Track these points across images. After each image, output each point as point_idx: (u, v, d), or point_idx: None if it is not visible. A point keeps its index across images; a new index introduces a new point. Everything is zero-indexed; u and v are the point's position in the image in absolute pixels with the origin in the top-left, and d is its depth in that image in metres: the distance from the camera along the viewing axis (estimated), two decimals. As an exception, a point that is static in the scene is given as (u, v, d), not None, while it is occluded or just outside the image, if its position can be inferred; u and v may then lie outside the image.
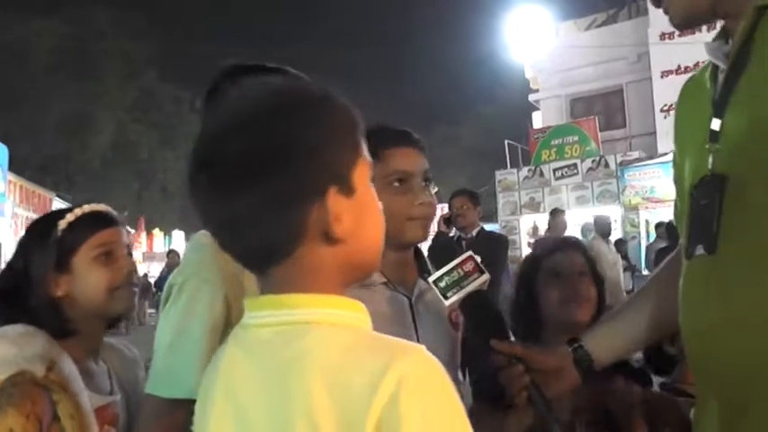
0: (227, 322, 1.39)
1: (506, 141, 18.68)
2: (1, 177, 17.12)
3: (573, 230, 14.34)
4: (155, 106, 31.61)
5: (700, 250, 1.23)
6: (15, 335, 1.48)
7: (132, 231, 34.53)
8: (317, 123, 0.91)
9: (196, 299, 1.40)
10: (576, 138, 16.65)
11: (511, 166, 17.58)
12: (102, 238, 1.64)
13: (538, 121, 20.43)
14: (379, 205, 1.00)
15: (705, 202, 1.23)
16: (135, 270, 1.70)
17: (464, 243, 5.47)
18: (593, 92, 19.35)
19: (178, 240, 28.78)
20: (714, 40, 1.32)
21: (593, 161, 15.64)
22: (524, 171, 16.47)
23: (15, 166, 18.86)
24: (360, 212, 0.94)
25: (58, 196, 22.59)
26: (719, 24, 1.32)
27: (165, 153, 32.56)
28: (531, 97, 21.20)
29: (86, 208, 1.67)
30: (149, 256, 28.33)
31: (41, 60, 27.34)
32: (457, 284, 1.51)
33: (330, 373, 0.84)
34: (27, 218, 16.40)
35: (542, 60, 20.11)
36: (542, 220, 15.60)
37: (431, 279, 1.54)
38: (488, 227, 14.32)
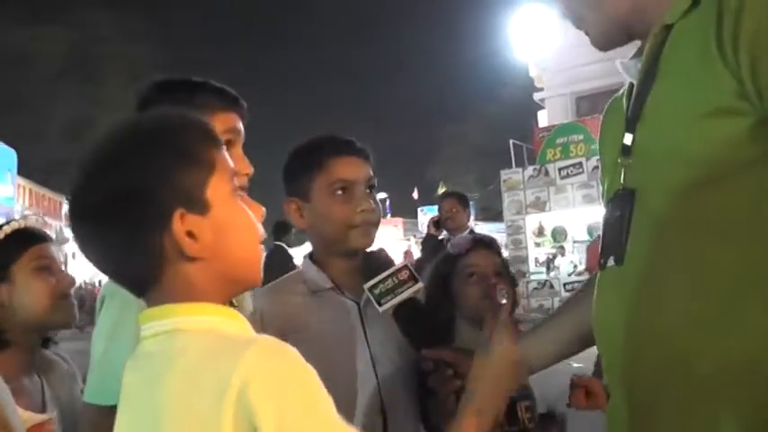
0: None
1: (511, 141, 18.61)
2: (10, 181, 17.27)
3: (580, 230, 14.34)
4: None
5: (611, 261, 1.27)
6: None
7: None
8: (149, 158, 0.96)
9: (127, 306, 1.40)
10: (581, 136, 16.54)
11: (516, 166, 17.51)
12: (41, 251, 1.67)
13: (544, 119, 20.36)
14: (249, 215, 1.05)
15: (617, 214, 1.26)
16: (74, 284, 1.72)
17: (453, 245, 5.47)
18: (599, 90, 19.22)
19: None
20: (631, 58, 1.35)
21: (598, 159, 15.51)
22: (529, 170, 16.37)
23: (24, 169, 19.00)
24: (221, 227, 0.99)
25: (68, 199, 22.74)
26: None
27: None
28: (536, 96, 21.12)
29: (22, 222, 1.71)
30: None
31: (46, 66, 27.63)
32: (391, 292, 1.58)
33: (189, 377, 0.92)
34: (36, 221, 16.45)
35: (547, 58, 20.06)
36: (548, 220, 15.57)
37: (366, 286, 1.60)
38: (494, 227, 14.12)
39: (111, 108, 30.21)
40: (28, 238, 1.67)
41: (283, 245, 7.39)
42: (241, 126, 1.57)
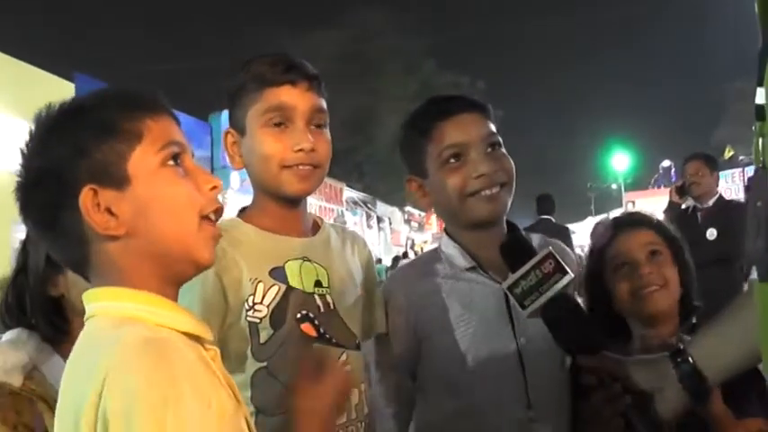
0: (227, 307, 1.38)
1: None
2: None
3: None
4: (434, 94, 32.60)
5: (753, 273, 0.93)
6: (4, 344, 1.46)
7: (423, 214, 36.08)
8: (59, 137, 0.95)
9: (189, 282, 1.33)
10: None
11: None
12: None
13: None
14: (184, 188, 0.98)
15: (759, 204, 0.91)
16: None
17: (699, 214, 5.01)
18: None
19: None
20: None
21: None
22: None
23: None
24: (143, 201, 0.94)
25: (348, 186, 24.40)
26: None
27: (448, 137, 33.66)
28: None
29: None
30: (437, 237, 29.48)
31: (324, 66, 30.12)
32: (535, 290, 1.29)
33: (72, 366, 0.92)
34: (320, 207, 17.81)
35: None
36: None
37: (505, 285, 1.34)
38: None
39: (387, 98, 31.93)
40: None
41: (550, 218, 7.28)
42: (298, 100, 1.45)
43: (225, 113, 1.58)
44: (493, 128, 1.60)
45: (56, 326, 1.49)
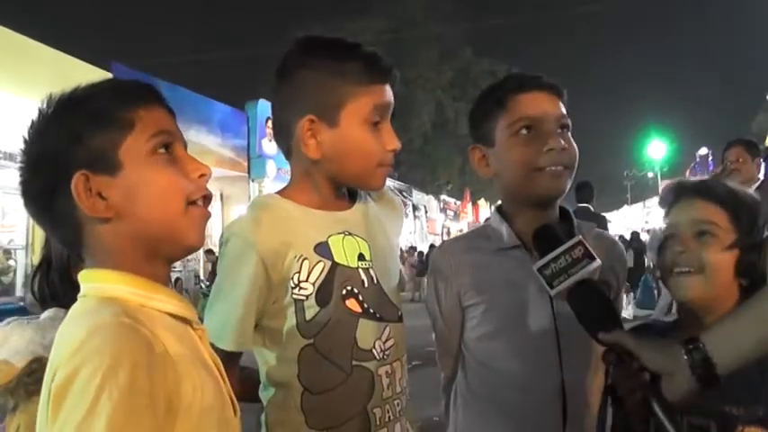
0: (270, 284, 1.38)
1: None
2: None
3: None
4: (471, 83, 32.57)
5: None
6: (42, 321, 1.48)
7: (458, 202, 36.16)
8: (55, 125, 1.00)
9: (231, 258, 1.41)
10: None
11: None
12: None
13: None
14: (171, 175, 1.02)
15: None
16: None
17: (741, 201, 4.85)
18: None
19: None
20: None
21: None
22: None
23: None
24: (131, 187, 1.00)
25: (385, 175, 24.48)
26: None
27: (485, 127, 33.62)
28: None
29: None
30: (473, 226, 29.50)
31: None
32: (564, 272, 1.36)
33: (54, 344, 0.94)
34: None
35: None
36: None
37: (535, 267, 1.39)
38: None
39: (423, 87, 31.95)
40: None
41: (588, 206, 7.21)
42: (391, 98, 1.47)
43: (261, 102, 1.55)
44: (565, 111, 1.64)
45: None
